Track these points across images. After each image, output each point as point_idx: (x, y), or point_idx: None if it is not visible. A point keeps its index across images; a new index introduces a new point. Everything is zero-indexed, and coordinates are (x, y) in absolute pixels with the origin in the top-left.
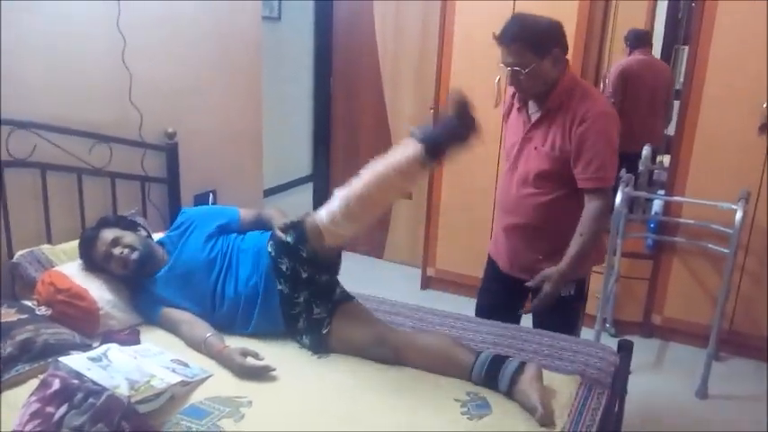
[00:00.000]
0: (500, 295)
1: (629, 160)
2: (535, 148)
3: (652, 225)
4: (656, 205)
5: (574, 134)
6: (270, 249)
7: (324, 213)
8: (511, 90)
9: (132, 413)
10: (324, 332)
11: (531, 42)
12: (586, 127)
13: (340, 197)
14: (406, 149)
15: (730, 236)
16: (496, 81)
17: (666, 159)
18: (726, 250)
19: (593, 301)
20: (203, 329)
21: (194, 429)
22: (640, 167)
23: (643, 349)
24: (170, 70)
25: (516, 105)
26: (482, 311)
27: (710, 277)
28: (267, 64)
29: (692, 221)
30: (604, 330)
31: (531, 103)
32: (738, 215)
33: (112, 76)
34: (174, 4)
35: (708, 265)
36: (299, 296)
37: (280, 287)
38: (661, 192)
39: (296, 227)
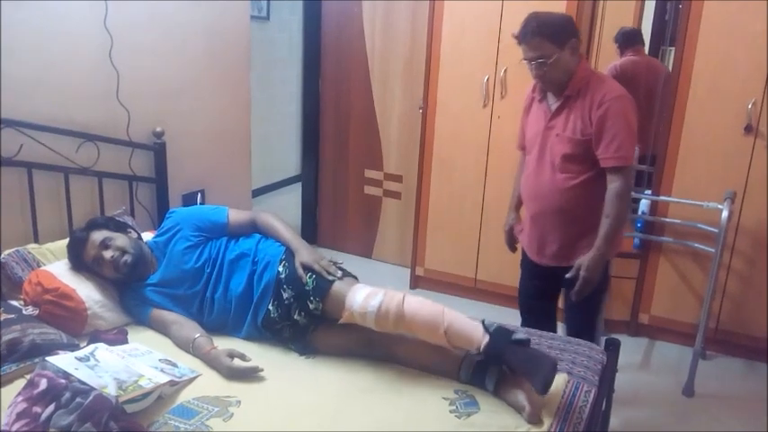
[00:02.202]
0: (536, 285)
1: None
2: (557, 134)
3: (639, 224)
4: (644, 205)
5: (594, 117)
6: (281, 269)
7: (359, 300)
8: (530, 88)
9: (120, 413)
10: (308, 337)
11: (550, 35)
12: (605, 109)
13: (386, 302)
14: (471, 333)
15: (716, 235)
16: (485, 80)
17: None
18: (712, 249)
19: None
20: (192, 330)
21: (183, 429)
22: None
23: (630, 348)
24: (158, 69)
25: (537, 98)
26: (523, 303)
27: (697, 276)
28: (255, 63)
29: (678, 221)
30: None
31: (549, 95)
32: (724, 215)
33: (100, 75)
34: (162, 3)
35: (694, 264)
36: (283, 322)
37: (270, 307)
38: (648, 191)
39: (320, 281)
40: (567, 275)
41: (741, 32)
